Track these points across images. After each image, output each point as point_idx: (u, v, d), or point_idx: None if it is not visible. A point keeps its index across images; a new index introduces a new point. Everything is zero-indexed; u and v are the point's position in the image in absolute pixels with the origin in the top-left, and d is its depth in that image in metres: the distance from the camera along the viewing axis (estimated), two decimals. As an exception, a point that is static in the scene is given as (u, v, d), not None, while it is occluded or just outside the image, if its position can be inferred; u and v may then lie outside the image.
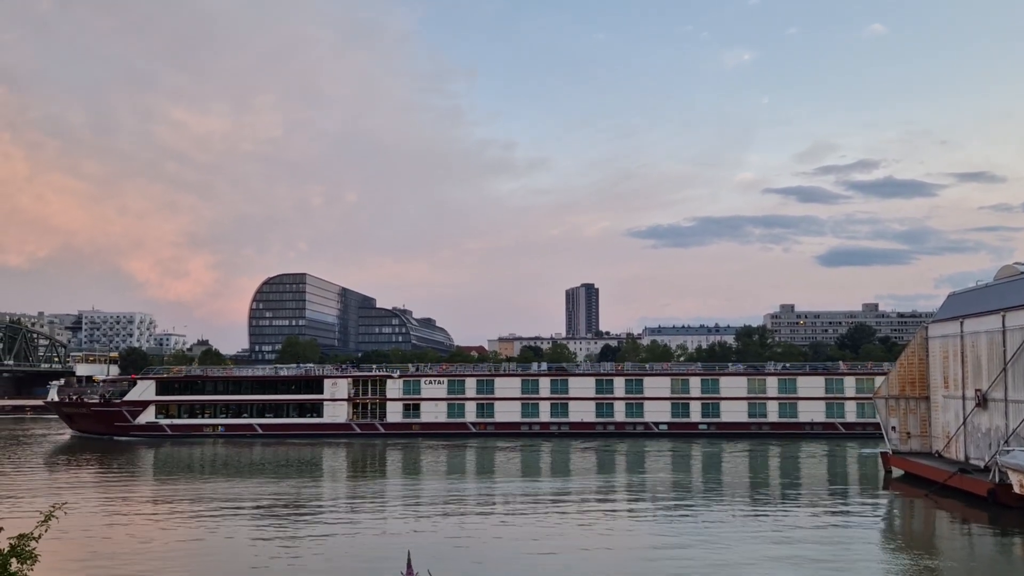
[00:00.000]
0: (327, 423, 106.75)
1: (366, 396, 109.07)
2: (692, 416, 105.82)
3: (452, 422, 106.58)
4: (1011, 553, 44.49)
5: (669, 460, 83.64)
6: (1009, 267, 64.22)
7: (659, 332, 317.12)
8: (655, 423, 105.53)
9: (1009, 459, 50.82)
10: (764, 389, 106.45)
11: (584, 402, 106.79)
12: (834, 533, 46.73)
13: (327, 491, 65.85)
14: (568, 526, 49.00)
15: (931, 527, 52.78)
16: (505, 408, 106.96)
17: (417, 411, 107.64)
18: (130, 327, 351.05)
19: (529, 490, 63.43)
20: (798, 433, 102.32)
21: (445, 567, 34.71)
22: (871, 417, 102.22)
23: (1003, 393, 57.70)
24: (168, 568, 38.25)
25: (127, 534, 45.88)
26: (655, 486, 65.41)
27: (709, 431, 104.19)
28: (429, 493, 62.46)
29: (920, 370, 71.98)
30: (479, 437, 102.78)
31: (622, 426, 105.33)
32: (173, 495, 61.07)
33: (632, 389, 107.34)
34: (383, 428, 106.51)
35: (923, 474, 63.84)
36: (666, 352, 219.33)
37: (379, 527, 49.16)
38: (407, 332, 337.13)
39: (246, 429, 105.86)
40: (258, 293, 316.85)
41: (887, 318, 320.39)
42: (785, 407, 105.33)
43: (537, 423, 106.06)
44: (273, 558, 40.11)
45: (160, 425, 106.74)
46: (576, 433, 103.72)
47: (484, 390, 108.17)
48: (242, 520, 50.48)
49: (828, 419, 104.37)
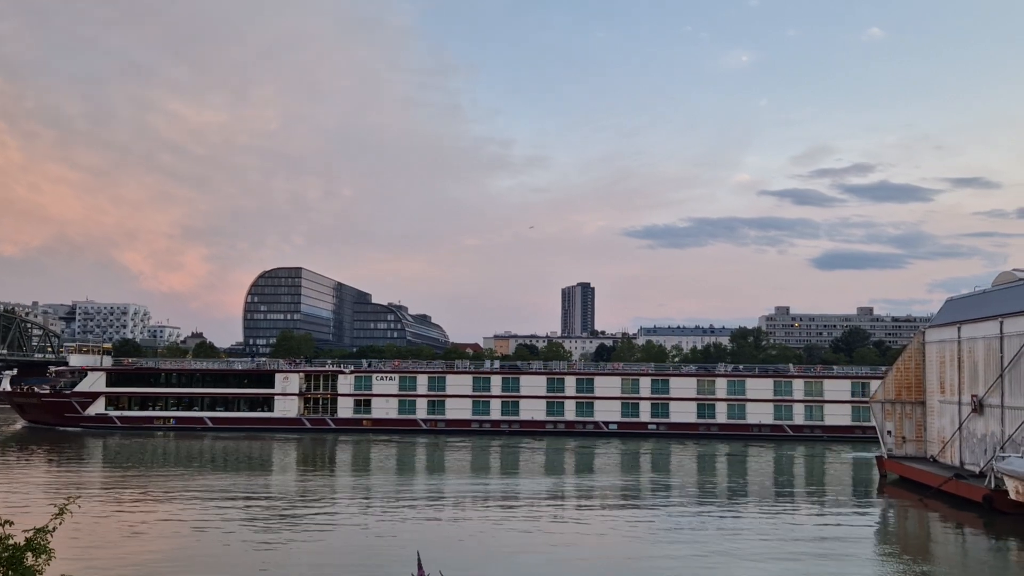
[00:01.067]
0: (277, 417, 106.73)
1: (317, 391, 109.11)
2: (642, 416, 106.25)
3: (403, 419, 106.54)
4: (1006, 560, 44.49)
5: (650, 461, 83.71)
6: (1008, 273, 64.34)
7: (654, 332, 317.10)
8: (605, 422, 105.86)
9: (1005, 465, 50.86)
10: (713, 390, 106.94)
11: (535, 400, 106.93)
12: (829, 535, 46.72)
13: (275, 485, 65.36)
14: (514, 524, 49.00)
15: (925, 532, 52.75)
16: (456, 405, 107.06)
17: (368, 407, 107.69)
18: (124, 318, 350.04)
19: (479, 489, 63.56)
20: (746, 435, 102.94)
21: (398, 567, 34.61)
22: (819, 420, 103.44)
23: (1000, 399, 57.78)
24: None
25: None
26: (641, 488, 65.45)
27: (658, 431, 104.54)
28: (380, 489, 62.42)
29: (916, 374, 72.05)
30: (430, 434, 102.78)
31: (572, 425, 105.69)
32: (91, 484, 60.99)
33: (583, 388, 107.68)
34: (333, 423, 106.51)
35: (918, 479, 63.92)
36: (661, 352, 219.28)
37: (327, 523, 49.05)
38: (402, 328, 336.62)
39: (196, 422, 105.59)
40: (253, 286, 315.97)
41: (881, 322, 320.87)
42: (734, 408, 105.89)
43: (488, 421, 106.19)
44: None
45: (109, 417, 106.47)
46: (526, 431, 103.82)
47: (435, 387, 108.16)
48: (182, 515, 50.04)
49: (776, 421, 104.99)
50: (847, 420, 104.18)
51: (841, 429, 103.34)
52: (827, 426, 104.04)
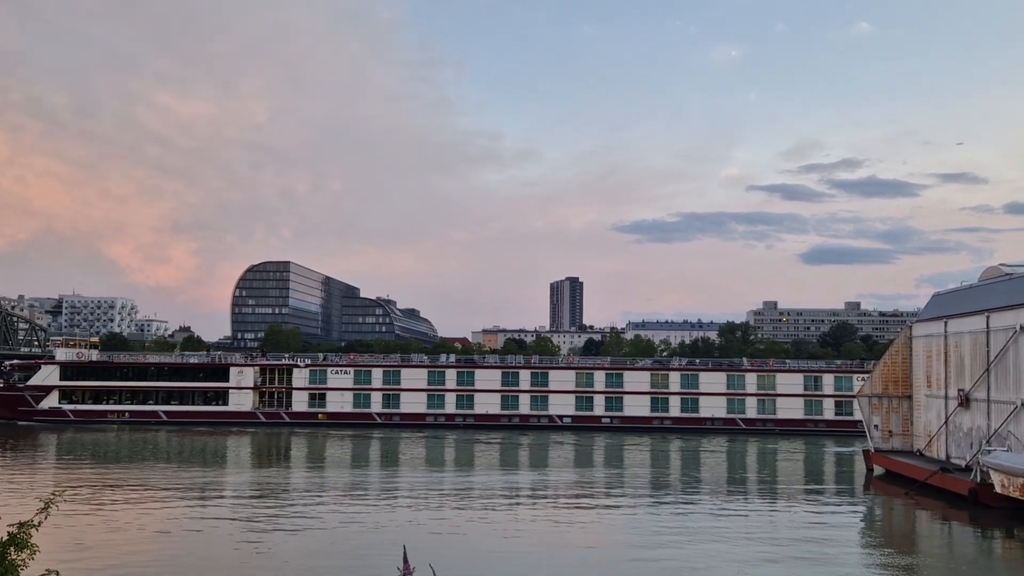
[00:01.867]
0: (232, 411, 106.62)
1: (272, 385, 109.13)
2: (596, 410, 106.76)
3: (358, 412, 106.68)
4: (991, 552, 44.82)
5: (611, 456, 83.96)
6: (994, 268, 64.66)
7: (643, 327, 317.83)
8: (559, 416, 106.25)
9: (991, 459, 51.20)
10: (667, 384, 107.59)
11: (490, 394, 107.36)
12: (816, 528, 46.92)
13: (230, 480, 65.36)
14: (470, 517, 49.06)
15: (911, 525, 53.10)
16: (411, 399, 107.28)
17: (323, 401, 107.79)
18: (111, 312, 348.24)
19: (433, 482, 63.76)
20: (699, 428, 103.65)
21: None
22: (771, 414, 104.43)
23: (986, 393, 58.13)
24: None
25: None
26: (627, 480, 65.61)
27: (612, 424, 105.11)
28: (333, 483, 62.47)
29: (903, 369, 72.42)
30: (384, 428, 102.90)
31: (527, 419, 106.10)
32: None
33: (537, 382, 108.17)
34: (288, 417, 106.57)
35: (904, 472, 64.25)
36: (649, 347, 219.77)
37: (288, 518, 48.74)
38: (391, 322, 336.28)
39: (151, 416, 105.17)
40: (241, 280, 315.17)
41: (869, 317, 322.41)
42: (687, 402, 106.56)
43: (443, 415, 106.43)
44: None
45: (63, 411, 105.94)
46: (481, 425, 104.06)
47: (390, 381, 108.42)
48: (137, 509, 49.85)
49: (729, 415, 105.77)
50: (799, 414, 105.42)
51: (793, 423, 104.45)
52: (779, 419, 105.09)
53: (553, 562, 38.45)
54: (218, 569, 36.49)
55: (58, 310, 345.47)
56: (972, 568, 40.59)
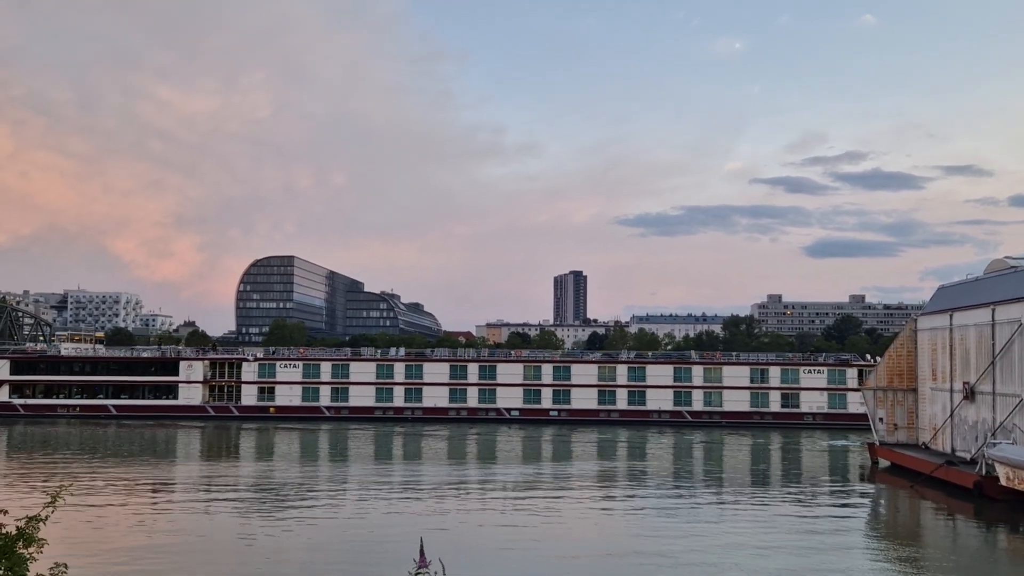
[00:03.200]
0: (182, 405, 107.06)
1: (222, 379, 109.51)
2: (544, 403, 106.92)
3: (306, 406, 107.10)
4: (996, 545, 44.81)
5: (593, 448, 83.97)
6: (999, 261, 64.52)
7: (647, 320, 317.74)
8: (507, 409, 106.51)
9: (996, 452, 51.15)
10: (614, 377, 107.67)
11: (438, 387, 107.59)
12: (822, 522, 46.96)
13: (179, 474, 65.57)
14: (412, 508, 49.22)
15: (916, 518, 53.09)
16: (360, 392, 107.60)
17: (272, 394, 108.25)
18: (116, 307, 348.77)
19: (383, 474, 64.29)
20: (646, 421, 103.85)
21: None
22: (717, 406, 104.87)
23: (991, 386, 58.02)
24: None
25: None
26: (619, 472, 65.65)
27: (560, 417, 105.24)
28: (281, 477, 62.57)
29: (908, 362, 72.32)
30: (333, 421, 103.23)
31: (475, 412, 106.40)
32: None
33: (485, 375, 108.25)
34: (237, 411, 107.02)
35: (909, 465, 64.23)
36: (653, 340, 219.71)
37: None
38: (395, 317, 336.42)
39: (101, 410, 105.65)
40: (246, 275, 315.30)
41: (873, 310, 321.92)
42: (634, 395, 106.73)
43: (391, 408, 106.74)
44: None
45: (13, 405, 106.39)
46: (429, 418, 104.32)
47: (339, 375, 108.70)
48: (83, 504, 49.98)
49: (676, 407, 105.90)
50: (746, 407, 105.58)
51: (740, 415, 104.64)
52: (726, 412, 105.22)
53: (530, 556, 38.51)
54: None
55: (63, 305, 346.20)
56: (977, 560, 40.61)
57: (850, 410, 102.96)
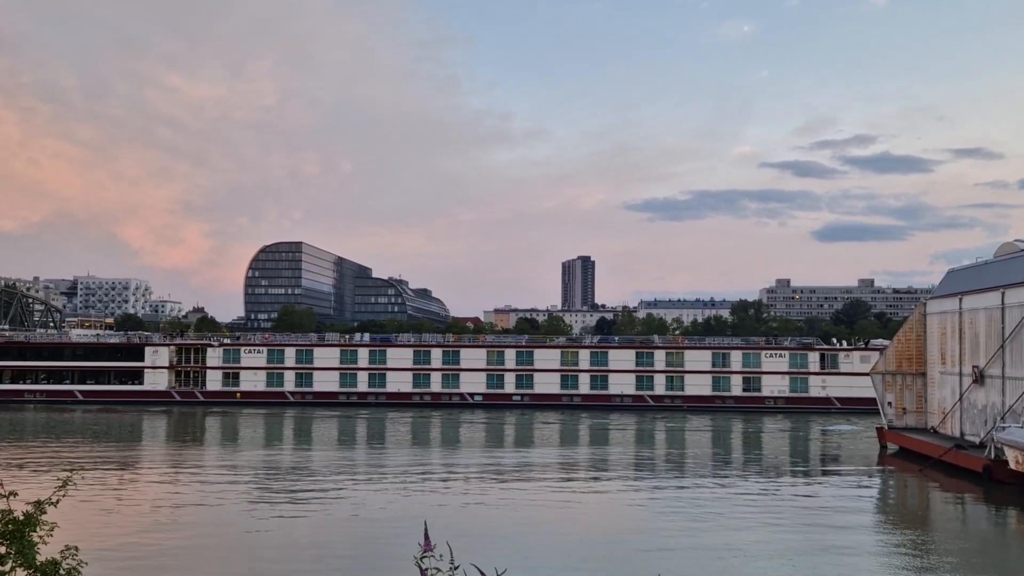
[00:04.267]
0: (147, 391, 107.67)
1: (187, 364, 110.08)
2: (507, 388, 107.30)
3: (271, 391, 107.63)
4: (1006, 528, 44.84)
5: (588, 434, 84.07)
6: (1009, 244, 64.22)
7: (655, 306, 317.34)
8: (470, 394, 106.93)
9: (1005, 435, 51.05)
10: (576, 362, 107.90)
11: (402, 372, 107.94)
12: (830, 505, 46.99)
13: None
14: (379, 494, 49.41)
15: (925, 502, 53.12)
16: (324, 378, 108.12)
17: (236, 380, 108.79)
18: (125, 293, 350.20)
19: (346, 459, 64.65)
20: (608, 405, 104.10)
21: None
22: (679, 390, 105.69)
23: (1000, 370, 57.88)
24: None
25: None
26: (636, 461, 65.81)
27: (523, 402, 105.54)
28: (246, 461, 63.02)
29: (918, 346, 72.13)
30: (297, 407, 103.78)
31: (438, 396, 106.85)
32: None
33: (448, 360, 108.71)
34: (202, 396, 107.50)
35: (918, 449, 64.17)
36: (662, 326, 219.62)
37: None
38: (403, 303, 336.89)
39: (66, 396, 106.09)
40: (254, 261, 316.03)
41: (883, 294, 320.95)
42: (597, 380, 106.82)
43: (355, 393, 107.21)
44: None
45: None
46: (393, 403, 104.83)
47: (303, 360, 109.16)
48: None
49: (638, 392, 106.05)
50: (707, 390, 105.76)
51: (702, 399, 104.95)
52: (687, 396, 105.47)
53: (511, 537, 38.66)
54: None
55: (73, 291, 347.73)
56: (986, 543, 40.63)
57: (811, 394, 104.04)
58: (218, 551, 35.67)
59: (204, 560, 34.03)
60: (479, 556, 6.10)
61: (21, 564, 7.62)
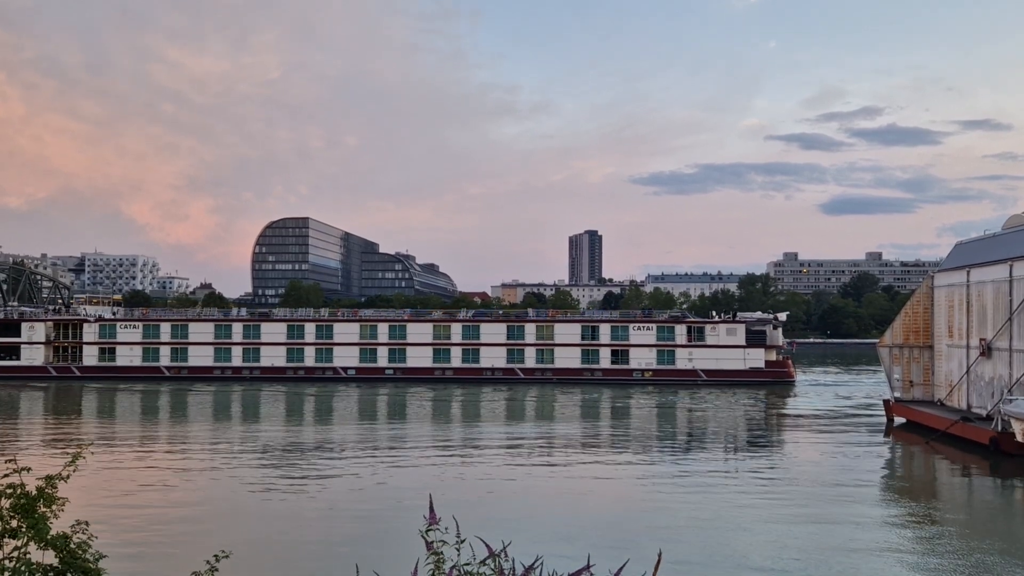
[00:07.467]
0: (24, 366, 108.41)
1: (64, 340, 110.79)
2: (379, 361, 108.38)
3: (146, 366, 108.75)
4: (1012, 500, 45.01)
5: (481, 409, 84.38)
6: (1018, 216, 63.87)
7: (662, 280, 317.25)
8: (344, 368, 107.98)
9: (1012, 408, 51.10)
10: (449, 336, 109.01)
11: (276, 347, 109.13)
12: (837, 477, 47.16)
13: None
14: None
15: (932, 474, 53.29)
16: (199, 352, 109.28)
17: (113, 355, 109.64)
18: (133, 270, 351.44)
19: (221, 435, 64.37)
20: (479, 378, 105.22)
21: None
22: (549, 363, 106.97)
23: (1008, 343, 57.76)
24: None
25: None
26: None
27: (395, 376, 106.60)
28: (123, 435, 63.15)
29: (925, 319, 72.01)
30: (173, 381, 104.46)
31: (312, 371, 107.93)
32: None
33: (322, 335, 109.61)
34: (79, 372, 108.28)
35: (925, 422, 64.25)
36: (669, 300, 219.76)
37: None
38: (410, 278, 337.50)
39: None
40: (261, 237, 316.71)
41: (890, 267, 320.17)
42: (468, 353, 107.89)
43: (229, 367, 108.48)
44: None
45: None
46: (267, 378, 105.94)
47: (179, 335, 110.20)
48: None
49: (508, 365, 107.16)
50: (577, 363, 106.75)
51: (571, 372, 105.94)
52: (557, 368, 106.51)
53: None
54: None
55: (81, 268, 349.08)
56: (992, 515, 40.81)
57: (678, 366, 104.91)
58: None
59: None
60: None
61: (33, 538, 7.77)
